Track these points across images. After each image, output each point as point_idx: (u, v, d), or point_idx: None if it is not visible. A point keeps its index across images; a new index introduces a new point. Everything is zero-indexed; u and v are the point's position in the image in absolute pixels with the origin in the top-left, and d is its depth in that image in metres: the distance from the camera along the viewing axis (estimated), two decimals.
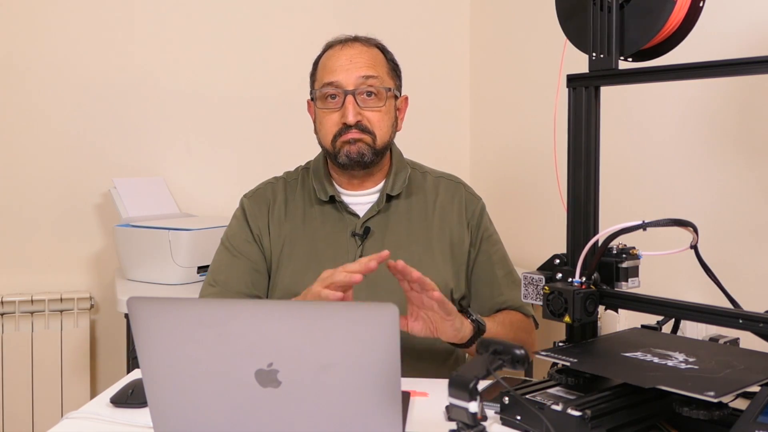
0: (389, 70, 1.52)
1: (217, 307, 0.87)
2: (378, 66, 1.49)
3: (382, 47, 1.54)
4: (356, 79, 1.45)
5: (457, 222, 1.53)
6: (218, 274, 1.50)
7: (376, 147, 1.47)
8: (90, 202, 2.64)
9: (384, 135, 1.48)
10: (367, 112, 1.46)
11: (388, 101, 1.49)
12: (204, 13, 2.73)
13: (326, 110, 1.47)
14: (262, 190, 1.57)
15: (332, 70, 1.47)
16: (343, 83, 1.45)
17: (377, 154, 1.48)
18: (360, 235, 1.47)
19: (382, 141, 1.48)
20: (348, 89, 1.45)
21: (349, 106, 1.44)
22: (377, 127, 1.47)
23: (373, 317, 0.79)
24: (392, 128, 1.52)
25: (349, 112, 1.44)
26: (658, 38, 1.14)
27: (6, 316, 2.48)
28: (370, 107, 1.46)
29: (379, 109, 1.47)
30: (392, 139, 1.53)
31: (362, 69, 1.46)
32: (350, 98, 1.44)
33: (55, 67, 2.59)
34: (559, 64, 1.21)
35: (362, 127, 1.45)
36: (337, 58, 1.48)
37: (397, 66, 1.55)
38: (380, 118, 1.47)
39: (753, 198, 1.63)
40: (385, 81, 1.49)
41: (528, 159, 2.60)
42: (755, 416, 0.85)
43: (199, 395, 0.85)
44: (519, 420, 0.99)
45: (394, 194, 1.51)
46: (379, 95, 1.47)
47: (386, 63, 1.52)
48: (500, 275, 1.54)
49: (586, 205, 1.17)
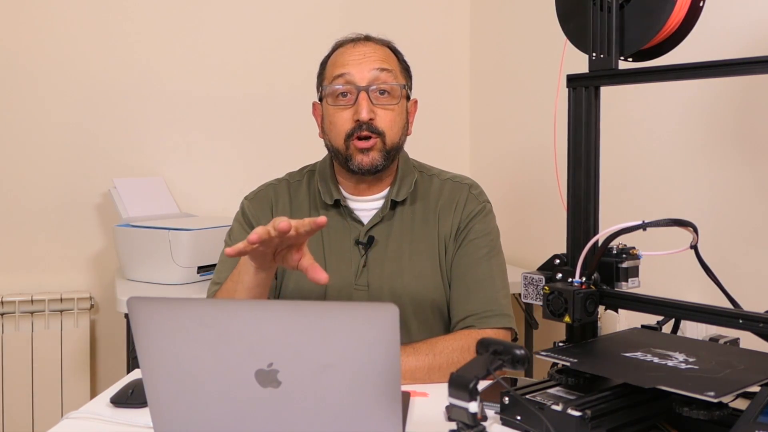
0: (402, 69, 1.49)
1: (217, 307, 0.87)
2: (391, 62, 1.46)
3: (394, 48, 1.51)
4: (369, 73, 1.41)
5: (451, 224, 1.47)
6: (224, 272, 1.48)
7: (387, 149, 1.43)
8: (90, 202, 2.64)
9: (395, 136, 1.44)
10: (380, 111, 1.42)
11: (401, 101, 1.45)
12: (204, 13, 2.73)
13: (337, 108, 1.43)
14: (264, 192, 1.55)
15: (343, 63, 1.43)
16: (356, 78, 1.41)
17: (389, 158, 1.44)
18: (364, 244, 1.45)
19: (392, 142, 1.43)
20: (361, 85, 1.40)
21: (362, 102, 1.39)
22: (389, 128, 1.42)
23: (373, 317, 0.79)
24: (403, 129, 1.47)
25: (363, 108, 1.39)
26: (658, 38, 1.14)
27: (6, 316, 2.48)
28: (383, 105, 1.42)
29: (392, 108, 1.43)
30: (402, 141, 1.48)
31: (376, 62, 1.42)
32: (363, 94, 1.40)
33: (56, 68, 2.59)
34: (559, 64, 1.21)
35: (373, 128, 1.40)
36: (349, 54, 1.44)
37: (408, 68, 1.52)
38: (393, 118, 1.43)
39: (753, 198, 1.63)
40: (399, 77, 1.46)
41: (528, 159, 2.60)
42: (755, 416, 0.85)
43: (199, 395, 0.85)
44: (519, 420, 0.99)
45: (399, 200, 1.47)
46: (392, 93, 1.43)
47: (398, 62, 1.49)
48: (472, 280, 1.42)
49: (586, 205, 1.17)
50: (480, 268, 1.44)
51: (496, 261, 1.46)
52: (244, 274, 1.26)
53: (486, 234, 1.47)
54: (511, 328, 1.42)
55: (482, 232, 1.47)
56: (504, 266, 1.49)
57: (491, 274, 1.44)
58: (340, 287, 1.44)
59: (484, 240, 1.46)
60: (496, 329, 1.39)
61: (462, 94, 3.05)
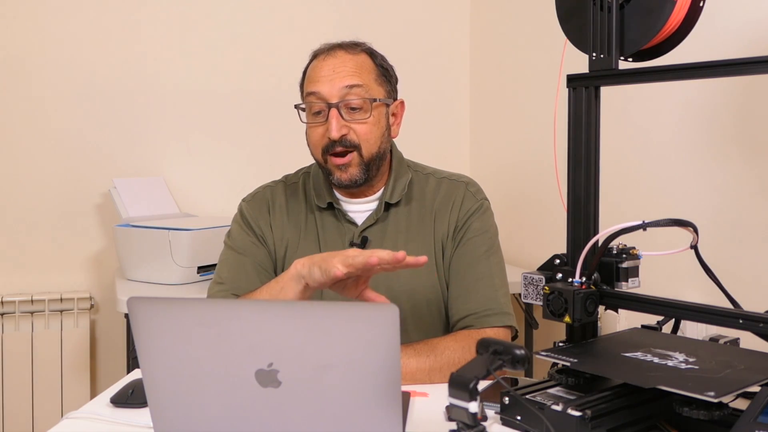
0: (377, 76, 1.46)
1: (217, 307, 0.87)
2: (364, 73, 1.43)
3: (370, 51, 1.48)
4: (339, 90, 1.39)
5: (449, 222, 1.46)
6: (225, 272, 1.48)
7: (366, 162, 1.42)
8: (90, 202, 2.64)
9: (372, 147, 1.42)
10: (354, 125, 1.41)
11: (375, 110, 1.43)
12: (204, 14, 2.73)
13: (313, 124, 1.43)
14: (261, 194, 1.55)
15: (315, 80, 1.42)
16: (326, 95, 1.40)
17: (369, 169, 1.43)
18: (358, 245, 1.44)
19: (369, 153, 1.42)
20: (331, 102, 1.39)
21: (332, 120, 1.38)
22: (364, 140, 1.41)
23: (373, 317, 0.79)
24: (383, 137, 1.45)
25: (333, 127, 1.38)
26: (658, 38, 1.14)
27: (6, 316, 2.48)
28: (356, 120, 1.41)
29: (365, 121, 1.41)
30: (384, 148, 1.46)
31: (345, 78, 1.40)
32: (334, 111, 1.39)
33: (56, 68, 2.59)
34: (559, 64, 1.21)
35: (348, 142, 1.40)
36: (320, 68, 1.43)
37: (387, 70, 1.49)
38: (368, 130, 1.41)
39: (753, 198, 1.63)
40: (372, 89, 1.43)
41: (528, 159, 2.60)
42: (755, 416, 0.85)
43: (199, 395, 0.85)
44: (519, 420, 0.99)
45: (392, 202, 1.47)
46: (364, 107, 1.41)
47: (374, 69, 1.46)
48: (471, 279, 1.42)
49: (586, 205, 1.17)
50: (479, 266, 1.43)
51: (494, 259, 1.46)
52: (289, 290, 1.24)
53: (484, 232, 1.46)
54: (512, 326, 1.41)
55: (480, 230, 1.46)
56: (503, 264, 1.49)
57: (490, 272, 1.43)
58: None
59: (483, 238, 1.46)
60: (496, 328, 1.39)
61: (462, 94, 3.05)
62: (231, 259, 1.49)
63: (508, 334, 1.41)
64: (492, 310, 1.39)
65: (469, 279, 1.43)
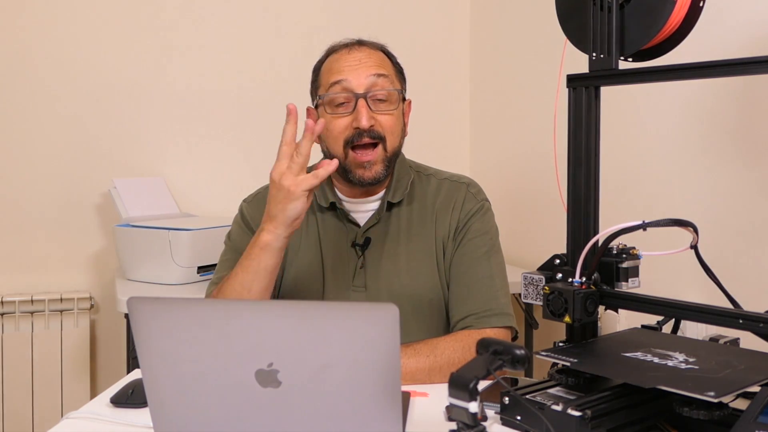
0: (396, 72, 1.48)
1: (217, 307, 0.87)
2: (387, 66, 1.45)
3: (387, 52, 1.50)
4: (367, 79, 1.39)
5: (449, 223, 1.46)
6: (224, 272, 1.48)
7: (389, 157, 1.42)
8: (90, 202, 2.64)
9: (395, 141, 1.43)
10: (380, 116, 1.40)
11: (399, 105, 1.44)
12: (204, 14, 2.73)
13: (335, 115, 1.41)
14: (262, 194, 1.54)
15: (339, 70, 1.41)
16: (353, 85, 1.39)
17: (390, 166, 1.43)
18: (360, 246, 1.45)
19: (393, 147, 1.43)
20: (359, 92, 1.38)
21: (362, 109, 1.37)
22: (389, 132, 1.41)
23: (373, 317, 0.79)
24: (402, 133, 1.47)
25: (363, 116, 1.37)
26: (658, 38, 1.14)
27: (6, 316, 2.48)
28: (382, 111, 1.40)
29: (391, 113, 1.41)
30: (401, 144, 1.47)
31: (372, 68, 1.40)
32: (362, 101, 1.38)
33: (56, 68, 2.59)
34: (559, 64, 1.21)
35: (375, 133, 1.39)
36: (344, 60, 1.43)
37: (402, 70, 1.51)
38: (393, 122, 1.42)
39: (753, 198, 1.63)
40: (395, 82, 1.45)
41: (528, 159, 2.60)
42: (755, 416, 0.85)
43: (199, 395, 0.85)
44: (519, 420, 0.99)
45: (395, 202, 1.47)
46: (390, 99, 1.41)
47: (393, 66, 1.48)
48: (472, 280, 1.42)
49: (586, 205, 1.17)
50: (479, 267, 1.43)
51: (495, 260, 1.46)
52: (267, 259, 1.30)
53: (485, 233, 1.47)
54: (512, 327, 1.41)
55: (481, 230, 1.46)
56: (503, 265, 1.49)
57: (491, 273, 1.43)
58: (337, 289, 1.44)
59: (483, 239, 1.46)
60: (496, 328, 1.39)
61: (462, 94, 3.05)
62: (231, 260, 1.49)
63: (508, 334, 1.41)
64: (492, 311, 1.39)
65: (470, 279, 1.43)
